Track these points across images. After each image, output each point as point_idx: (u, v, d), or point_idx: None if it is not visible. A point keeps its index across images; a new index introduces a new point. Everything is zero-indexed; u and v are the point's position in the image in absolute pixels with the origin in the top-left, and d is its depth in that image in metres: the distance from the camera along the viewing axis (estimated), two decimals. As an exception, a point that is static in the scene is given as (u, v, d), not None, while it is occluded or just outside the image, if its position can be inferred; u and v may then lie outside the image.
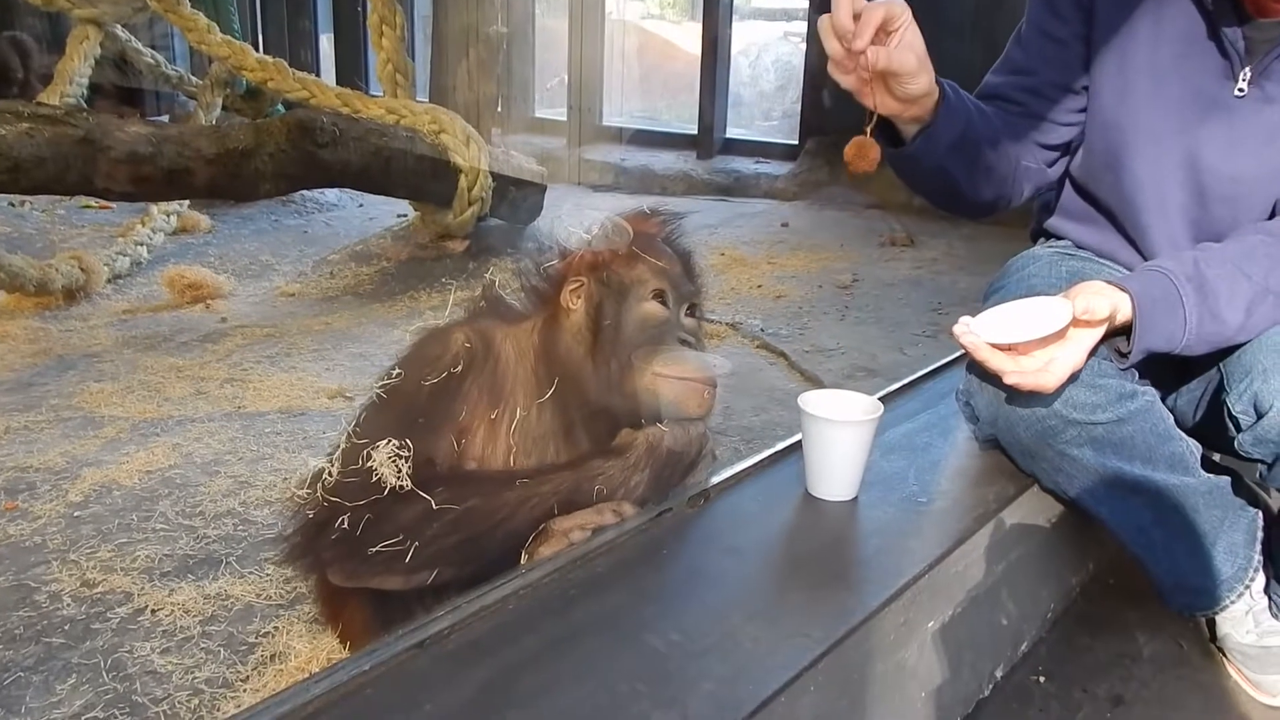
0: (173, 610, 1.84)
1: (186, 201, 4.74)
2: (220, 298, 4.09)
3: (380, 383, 1.53)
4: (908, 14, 1.41)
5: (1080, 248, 1.76)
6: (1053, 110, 1.66)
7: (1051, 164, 1.71)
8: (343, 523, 1.38)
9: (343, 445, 1.48)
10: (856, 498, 1.56)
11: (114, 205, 4.91)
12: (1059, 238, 1.80)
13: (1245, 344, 1.50)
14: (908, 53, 1.41)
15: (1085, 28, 1.63)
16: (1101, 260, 1.71)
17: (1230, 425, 1.51)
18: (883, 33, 1.39)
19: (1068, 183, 1.76)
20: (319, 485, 1.45)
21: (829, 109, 5.69)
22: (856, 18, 1.36)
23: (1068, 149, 1.71)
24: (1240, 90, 1.51)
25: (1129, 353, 1.45)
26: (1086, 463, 1.52)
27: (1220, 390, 1.55)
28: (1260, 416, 1.44)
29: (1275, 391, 1.42)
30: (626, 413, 1.51)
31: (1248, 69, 1.50)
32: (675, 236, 1.63)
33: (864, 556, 1.45)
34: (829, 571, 1.39)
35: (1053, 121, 1.67)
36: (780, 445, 1.73)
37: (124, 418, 2.76)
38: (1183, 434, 1.57)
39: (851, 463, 1.52)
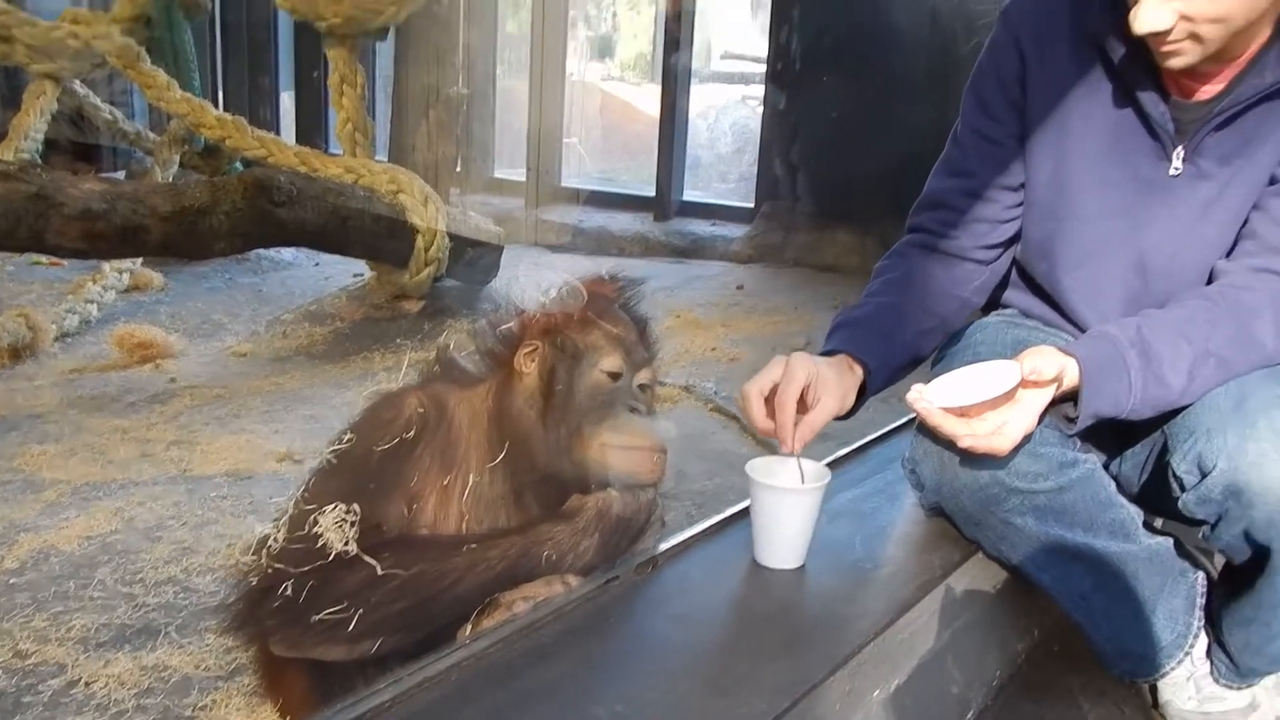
0: (108, 682, 1.79)
1: (140, 259, 4.70)
2: (170, 357, 4.03)
3: (331, 447, 1.52)
4: (812, 369, 1.53)
5: (1027, 316, 1.79)
6: (993, 210, 1.72)
7: (998, 259, 1.77)
8: (286, 590, 1.36)
9: (290, 510, 1.46)
10: (804, 565, 1.56)
11: (65, 262, 4.86)
12: (1006, 306, 1.84)
13: (1188, 406, 1.53)
14: (826, 413, 1.54)
15: (1019, 125, 1.68)
16: (1047, 329, 1.74)
17: (1175, 486, 1.53)
18: (801, 404, 1.52)
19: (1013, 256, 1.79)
20: (264, 552, 1.43)
21: (784, 174, 5.77)
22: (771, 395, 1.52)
23: (1015, 239, 1.75)
24: (1175, 170, 1.55)
25: (1076, 418, 1.47)
26: (1029, 530, 1.53)
27: (1164, 453, 1.58)
28: (1204, 476, 1.47)
29: (1218, 450, 1.44)
30: (577, 478, 1.51)
31: (1180, 148, 1.54)
32: (631, 302, 1.64)
33: (810, 624, 1.44)
34: (775, 640, 1.39)
35: (994, 221, 1.72)
36: (728, 511, 1.73)
37: (66, 481, 2.71)
38: (1124, 500, 1.59)
39: (798, 531, 1.53)
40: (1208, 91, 1.51)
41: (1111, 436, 1.69)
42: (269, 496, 2.59)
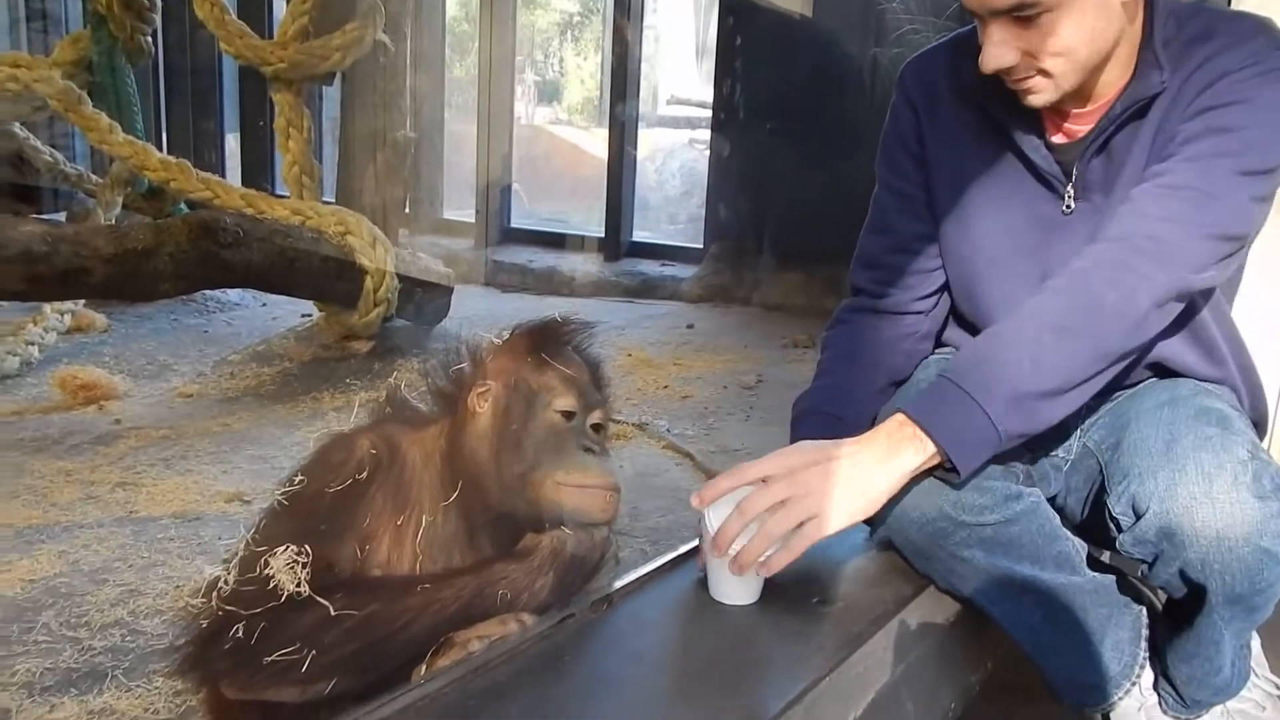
0: (52, 729, 1.76)
1: (82, 300, 4.64)
2: (114, 399, 3.97)
3: (282, 489, 1.51)
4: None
5: None
6: (920, 261, 1.78)
7: (935, 305, 1.82)
8: (237, 631, 1.35)
9: (241, 552, 1.45)
10: (758, 601, 1.57)
11: (4, 304, 4.77)
12: (946, 345, 1.88)
13: (1124, 445, 1.57)
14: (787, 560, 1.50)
15: (924, 178, 1.75)
16: None
17: (1111, 526, 1.56)
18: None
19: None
20: (214, 594, 1.41)
21: (732, 215, 5.85)
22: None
23: (946, 286, 1.81)
24: (1068, 208, 1.62)
25: (952, 467, 1.47)
26: (977, 563, 1.56)
27: (1103, 491, 1.61)
28: (1138, 518, 1.50)
29: (1150, 494, 1.48)
30: (530, 517, 1.51)
31: (1069, 187, 1.62)
32: (584, 343, 1.66)
33: (765, 660, 1.45)
34: (730, 677, 1.40)
35: (923, 271, 1.78)
36: (682, 549, 1.74)
37: (7, 524, 2.65)
38: (1069, 533, 1.62)
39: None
40: (1084, 130, 1.60)
41: (1051, 471, 1.73)
42: (218, 537, 2.56)
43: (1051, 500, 1.70)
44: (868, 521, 1.69)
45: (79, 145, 6.44)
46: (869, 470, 1.46)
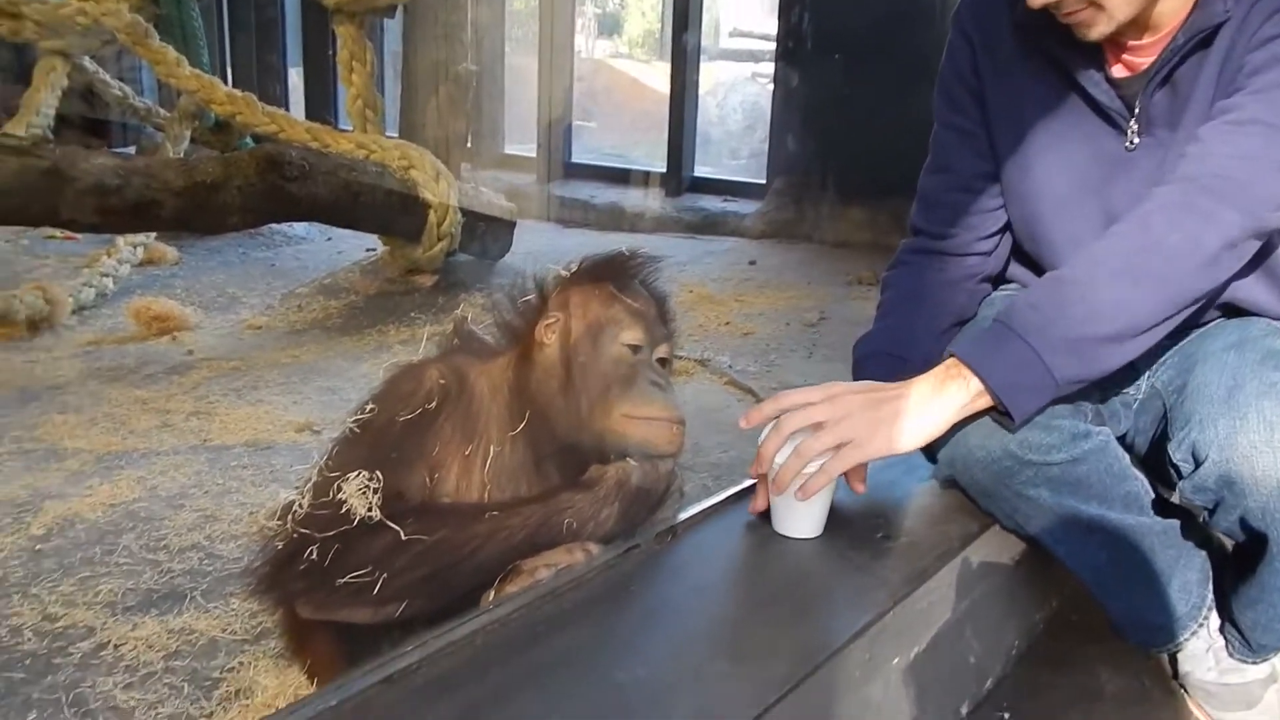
0: (136, 645, 1.82)
1: (153, 233, 4.72)
2: (186, 330, 4.06)
3: (354, 417, 1.54)
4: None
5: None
6: (981, 201, 1.74)
7: (997, 246, 1.79)
8: (311, 554, 1.39)
9: (314, 478, 1.48)
10: (821, 535, 1.58)
11: (80, 236, 4.88)
12: (1010, 281, 1.85)
13: (1188, 390, 1.54)
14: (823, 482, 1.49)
15: (983, 114, 1.71)
16: None
17: (1172, 473, 1.55)
18: None
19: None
20: (289, 517, 1.45)
21: (796, 150, 5.77)
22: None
23: (1008, 225, 1.77)
24: (1131, 144, 1.57)
25: (1006, 410, 1.45)
26: (1043, 503, 1.54)
27: (1166, 435, 1.60)
28: (1198, 465, 1.48)
29: (1210, 441, 1.45)
30: (596, 449, 1.53)
31: (1132, 122, 1.57)
32: (651, 279, 1.66)
33: (829, 593, 1.46)
34: (794, 608, 1.41)
35: (984, 211, 1.75)
36: (746, 483, 1.74)
37: (88, 450, 2.73)
38: (1138, 473, 1.60)
39: (816, 501, 1.54)
40: (1146, 63, 1.54)
41: (1121, 407, 1.70)
42: (289, 465, 2.61)
43: (1121, 439, 1.67)
44: (930, 459, 1.69)
45: (146, 79, 6.52)
46: (915, 404, 1.46)
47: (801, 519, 1.56)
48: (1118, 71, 1.57)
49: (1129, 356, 1.45)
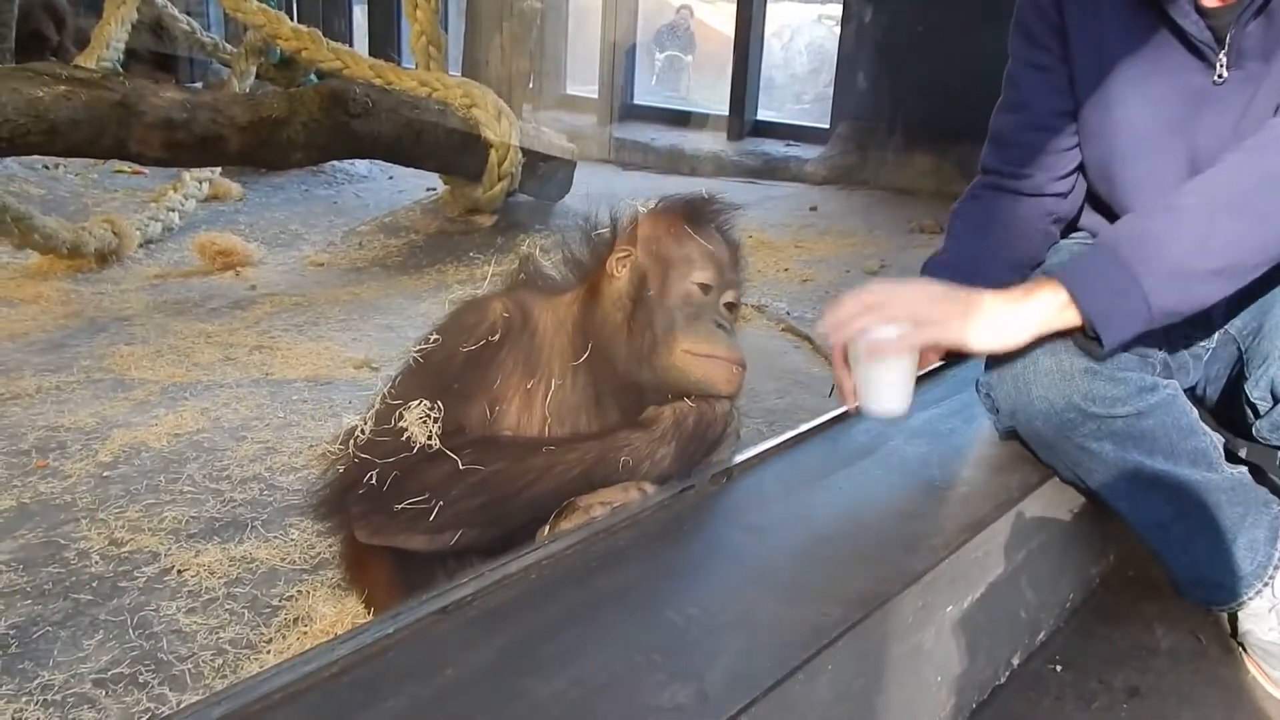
0: (198, 571, 1.87)
1: (218, 169, 4.77)
2: (250, 265, 4.11)
3: (418, 347, 1.55)
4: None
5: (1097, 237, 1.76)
6: (1056, 140, 1.68)
7: (1071, 189, 1.73)
8: (371, 479, 1.41)
9: (376, 405, 1.50)
10: (879, 479, 1.56)
11: (147, 170, 4.95)
12: (1080, 230, 1.80)
13: (1266, 328, 1.50)
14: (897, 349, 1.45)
15: (1064, 49, 1.64)
16: None
17: (1249, 412, 1.51)
18: None
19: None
20: (351, 442, 1.47)
21: (861, 94, 5.66)
22: None
23: (1081, 168, 1.71)
24: (1219, 77, 1.50)
25: (1095, 337, 1.41)
26: (1106, 456, 1.51)
27: (1241, 378, 1.55)
28: (1277, 402, 1.44)
29: None
30: (656, 386, 1.52)
31: (1222, 55, 1.50)
32: (726, 225, 1.65)
33: (884, 539, 1.45)
34: (849, 553, 1.40)
35: (1059, 151, 1.69)
36: (803, 428, 1.73)
37: (154, 381, 2.79)
38: (1206, 428, 1.56)
39: (901, 374, 1.47)
40: None
41: (1191, 359, 1.66)
42: (348, 401, 2.65)
43: (1190, 391, 1.63)
44: (991, 410, 1.66)
45: (214, 13, 6.56)
46: (999, 306, 1.42)
47: (887, 392, 1.49)
48: (1209, 1, 1.51)
49: (1225, 293, 1.40)
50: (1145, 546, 1.63)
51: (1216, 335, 1.64)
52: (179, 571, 1.87)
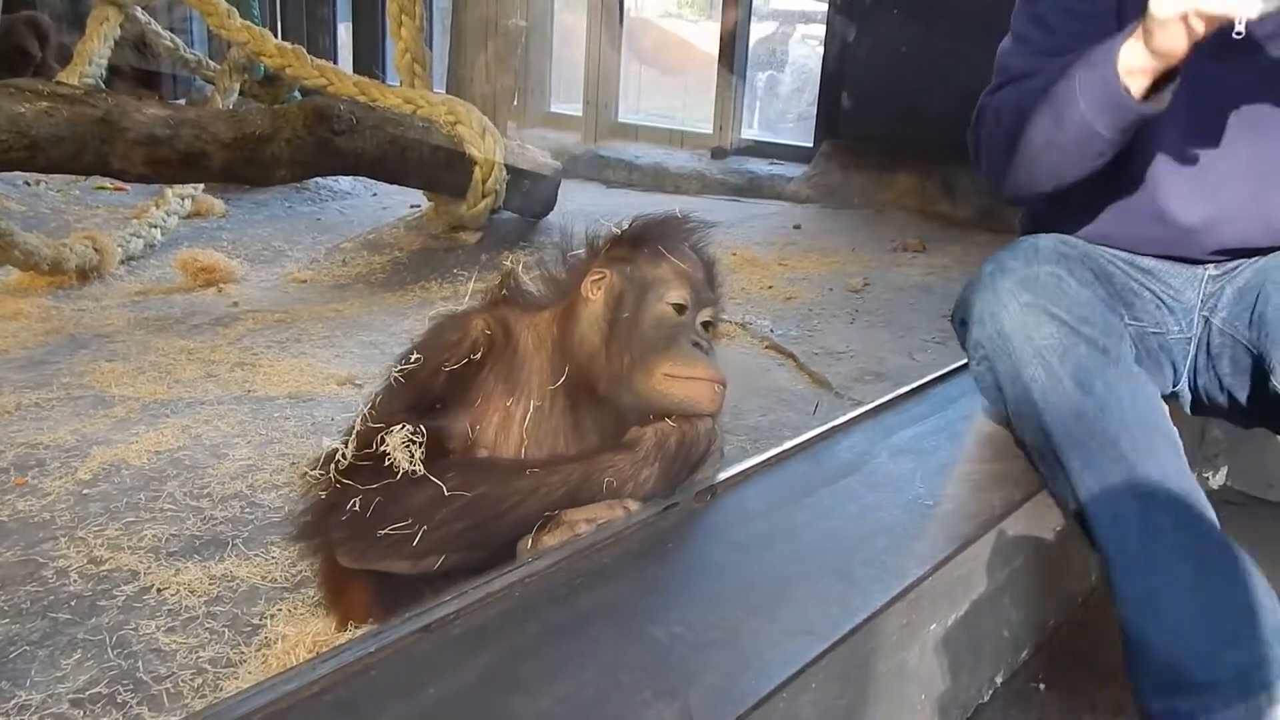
0: (178, 589, 1.85)
1: (201, 185, 4.75)
2: (232, 282, 4.09)
3: (397, 365, 1.54)
4: None
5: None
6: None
7: None
8: (353, 504, 1.40)
9: (357, 427, 1.49)
10: (861, 500, 1.56)
11: (129, 187, 4.93)
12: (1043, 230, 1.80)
13: (1270, 319, 1.51)
14: None
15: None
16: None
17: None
18: None
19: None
20: (331, 466, 1.46)
21: (845, 113, 5.69)
22: None
23: None
24: (1238, 32, 1.49)
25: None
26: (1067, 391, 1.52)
27: (1258, 374, 1.57)
28: None
29: None
30: (637, 408, 1.52)
31: None
32: (701, 243, 1.65)
33: (868, 557, 1.45)
34: (833, 570, 1.40)
35: None
36: (787, 445, 1.74)
37: (134, 398, 2.77)
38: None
39: None
40: None
41: (1162, 351, 1.67)
42: (330, 418, 2.63)
43: (1210, 401, 1.65)
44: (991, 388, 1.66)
45: (197, 30, 6.55)
46: None
47: None
48: None
49: None
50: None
51: (1196, 320, 1.65)
52: (158, 590, 1.85)
